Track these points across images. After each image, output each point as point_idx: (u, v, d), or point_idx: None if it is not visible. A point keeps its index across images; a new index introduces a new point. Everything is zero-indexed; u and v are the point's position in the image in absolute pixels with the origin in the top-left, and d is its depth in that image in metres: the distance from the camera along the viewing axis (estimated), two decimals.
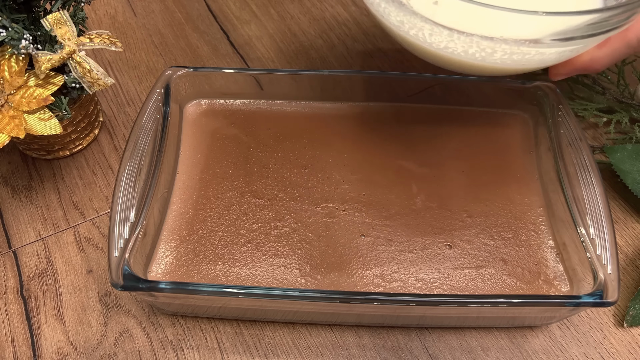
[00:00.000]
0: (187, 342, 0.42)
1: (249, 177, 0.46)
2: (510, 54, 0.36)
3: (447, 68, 0.42)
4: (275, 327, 0.42)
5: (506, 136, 0.49)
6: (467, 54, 0.37)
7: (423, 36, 0.38)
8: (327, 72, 0.49)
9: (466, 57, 0.38)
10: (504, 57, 0.37)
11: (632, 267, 0.45)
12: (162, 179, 0.44)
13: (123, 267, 0.37)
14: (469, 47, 0.36)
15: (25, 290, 0.44)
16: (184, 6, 0.63)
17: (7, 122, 0.41)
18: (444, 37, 0.36)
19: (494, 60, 0.37)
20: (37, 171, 0.50)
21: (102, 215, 0.48)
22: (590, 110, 0.52)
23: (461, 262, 0.42)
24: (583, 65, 0.40)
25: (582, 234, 0.40)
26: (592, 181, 0.41)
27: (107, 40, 0.44)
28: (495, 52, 0.36)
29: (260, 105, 0.50)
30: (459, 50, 0.37)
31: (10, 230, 0.47)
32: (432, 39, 0.37)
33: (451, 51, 0.37)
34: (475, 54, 0.37)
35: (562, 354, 0.41)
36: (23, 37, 0.40)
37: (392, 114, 0.50)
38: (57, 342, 0.42)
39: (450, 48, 0.37)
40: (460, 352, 0.41)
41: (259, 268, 0.42)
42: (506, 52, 0.36)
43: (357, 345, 0.42)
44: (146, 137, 0.43)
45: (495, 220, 0.44)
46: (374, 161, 0.47)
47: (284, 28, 0.61)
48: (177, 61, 0.58)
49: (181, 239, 0.43)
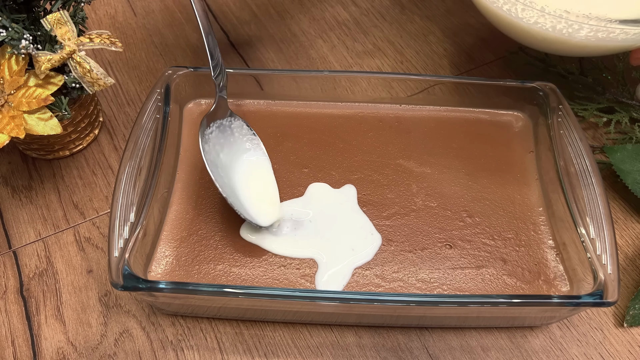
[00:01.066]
0: (187, 342, 0.42)
1: None
2: (595, 31, 0.39)
3: (531, 44, 0.46)
4: (275, 327, 0.42)
5: (506, 136, 0.49)
6: (555, 30, 0.40)
7: (515, 11, 0.41)
8: (327, 72, 0.49)
9: (553, 33, 0.41)
10: (589, 35, 0.40)
11: (632, 267, 0.45)
12: (162, 179, 0.44)
13: (123, 267, 0.37)
14: (557, 22, 0.40)
15: (25, 290, 0.44)
16: (184, 6, 0.63)
17: (7, 122, 0.41)
18: (535, 12, 0.40)
19: (579, 37, 0.40)
20: (37, 171, 0.50)
21: (102, 215, 0.48)
22: (590, 110, 0.52)
23: (461, 262, 0.42)
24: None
25: (582, 234, 0.40)
26: (592, 181, 0.41)
27: (107, 40, 0.44)
28: (582, 28, 0.39)
29: (260, 105, 0.50)
30: (548, 26, 0.40)
31: (10, 230, 0.47)
32: (524, 14, 0.41)
33: (540, 26, 0.41)
34: (563, 30, 0.40)
35: (562, 354, 0.41)
36: (23, 37, 0.40)
37: (392, 114, 0.50)
38: (57, 342, 0.42)
39: (540, 23, 0.41)
40: (460, 352, 0.41)
41: (259, 268, 0.42)
42: (592, 30, 0.39)
43: (357, 345, 0.42)
44: (146, 137, 0.43)
45: (495, 220, 0.44)
46: (374, 161, 0.47)
47: (284, 28, 0.61)
48: (177, 61, 0.58)
49: (181, 239, 0.43)
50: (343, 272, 0.41)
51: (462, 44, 0.60)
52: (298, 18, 0.62)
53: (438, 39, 0.60)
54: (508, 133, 0.49)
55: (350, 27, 0.62)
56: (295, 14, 0.63)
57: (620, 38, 0.40)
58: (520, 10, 0.41)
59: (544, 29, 0.41)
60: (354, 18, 0.62)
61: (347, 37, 0.61)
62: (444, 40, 0.60)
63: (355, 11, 0.63)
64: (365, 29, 0.61)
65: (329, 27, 0.62)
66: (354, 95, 0.50)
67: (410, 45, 0.60)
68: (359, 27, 0.62)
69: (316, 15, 0.63)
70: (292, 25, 0.62)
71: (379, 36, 0.61)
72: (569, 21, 0.40)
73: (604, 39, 0.40)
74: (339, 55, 0.59)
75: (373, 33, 0.61)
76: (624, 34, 0.40)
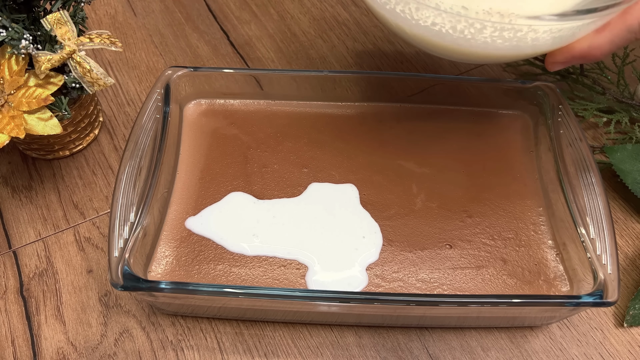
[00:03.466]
0: (187, 342, 0.42)
1: (249, 177, 0.46)
2: (500, 30, 0.34)
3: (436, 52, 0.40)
4: (275, 327, 0.42)
5: (506, 136, 0.49)
6: (456, 31, 0.35)
7: (410, 11, 0.36)
8: (327, 72, 0.49)
9: (454, 35, 0.36)
10: (494, 35, 0.35)
11: (632, 267, 0.45)
12: (162, 179, 0.44)
13: (123, 267, 0.37)
14: (457, 21, 0.35)
15: (25, 290, 0.44)
16: (184, 6, 0.63)
17: (7, 122, 0.41)
18: (430, 11, 0.35)
19: (483, 38, 0.35)
20: (37, 171, 0.50)
21: (102, 215, 0.48)
22: (590, 110, 0.52)
23: (461, 262, 0.42)
24: (581, 52, 0.37)
25: (582, 234, 0.40)
26: (592, 181, 0.41)
27: (107, 40, 0.44)
28: (485, 27, 0.34)
29: (260, 105, 0.50)
30: (447, 27, 0.35)
31: (10, 230, 0.47)
32: (419, 14, 0.36)
33: (439, 28, 0.36)
34: (464, 31, 0.35)
35: (562, 354, 0.41)
36: (23, 37, 0.40)
37: (392, 114, 0.50)
38: (57, 342, 0.42)
39: (438, 24, 0.35)
40: (460, 352, 0.41)
41: (259, 268, 0.42)
42: (496, 28, 0.34)
43: (357, 345, 0.42)
44: (146, 137, 0.43)
45: (495, 220, 0.44)
46: (374, 161, 0.47)
47: (284, 28, 0.61)
48: (177, 61, 0.58)
49: (181, 239, 0.43)
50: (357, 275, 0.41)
51: None
52: (298, 18, 0.62)
53: None
54: (508, 133, 0.49)
55: (350, 27, 0.62)
56: (295, 14, 0.63)
57: (530, 38, 0.35)
58: (414, 10, 0.35)
59: (444, 31, 0.36)
60: (354, 18, 0.62)
61: (347, 37, 0.61)
62: None
63: (355, 11, 0.63)
64: (365, 29, 0.61)
65: (329, 27, 0.62)
66: (354, 95, 0.50)
67: (410, 45, 0.60)
68: (359, 27, 0.62)
69: (316, 15, 0.63)
70: (292, 25, 0.62)
71: (379, 36, 0.61)
72: (469, 19, 0.34)
73: (511, 39, 0.35)
74: (339, 55, 0.59)
75: (373, 33, 0.61)
76: (532, 32, 0.34)
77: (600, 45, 0.36)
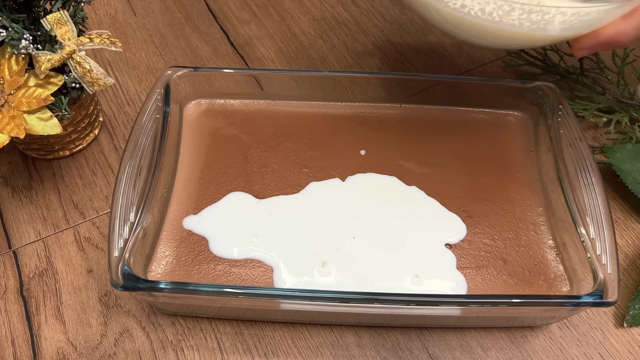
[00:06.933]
0: (187, 342, 0.42)
1: (249, 177, 0.46)
2: (529, 12, 0.35)
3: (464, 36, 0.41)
4: (275, 327, 0.42)
5: (506, 136, 0.49)
6: (484, 14, 0.36)
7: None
8: (327, 72, 0.49)
9: (483, 17, 0.37)
10: (522, 18, 0.36)
11: (632, 267, 0.45)
12: (162, 179, 0.44)
13: (123, 267, 0.37)
14: (485, 4, 0.36)
15: (25, 290, 0.44)
16: (184, 6, 0.63)
17: (7, 122, 0.41)
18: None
19: (511, 21, 0.36)
20: (37, 171, 0.50)
21: (102, 215, 0.48)
22: (590, 110, 0.52)
23: (461, 262, 0.42)
24: (608, 38, 0.37)
25: (582, 234, 0.40)
26: (592, 181, 0.41)
27: (107, 40, 0.44)
28: (513, 10, 0.35)
29: (260, 105, 0.50)
30: (476, 9, 0.36)
31: (10, 230, 0.47)
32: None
33: (467, 10, 0.37)
34: (493, 13, 0.36)
35: (562, 354, 0.41)
36: (23, 37, 0.40)
37: (392, 114, 0.50)
38: (57, 342, 0.42)
39: (467, 7, 0.36)
40: (460, 352, 0.41)
41: (259, 268, 0.42)
42: (524, 11, 0.35)
43: (357, 345, 0.42)
44: (146, 137, 0.43)
45: (495, 220, 0.44)
46: (374, 161, 0.47)
47: (284, 28, 0.61)
48: (177, 61, 0.58)
49: (181, 239, 0.43)
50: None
51: (462, 44, 0.60)
52: (298, 18, 0.62)
53: (438, 39, 0.60)
54: (508, 133, 0.49)
55: (350, 27, 0.62)
56: (295, 14, 0.63)
57: (557, 21, 0.35)
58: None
59: (473, 13, 0.37)
60: (354, 18, 0.62)
61: (347, 37, 0.61)
62: (443, 40, 0.60)
63: (355, 11, 0.63)
64: (365, 29, 0.61)
65: (329, 27, 0.62)
66: (354, 95, 0.50)
67: (410, 45, 0.60)
68: (359, 27, 0.62)
69: (316, 15, 0.63)
70: (292, 25, 0.62)
71: (379, 36, 0.61)
72: (498, 1, 0.35)
73: (539, 22, 0.36)
74: (339, 55, 0.59)
75: (373, 33, 0.61)
76: (560, 14, 0.35)
77: (626, 31, 0.36)
